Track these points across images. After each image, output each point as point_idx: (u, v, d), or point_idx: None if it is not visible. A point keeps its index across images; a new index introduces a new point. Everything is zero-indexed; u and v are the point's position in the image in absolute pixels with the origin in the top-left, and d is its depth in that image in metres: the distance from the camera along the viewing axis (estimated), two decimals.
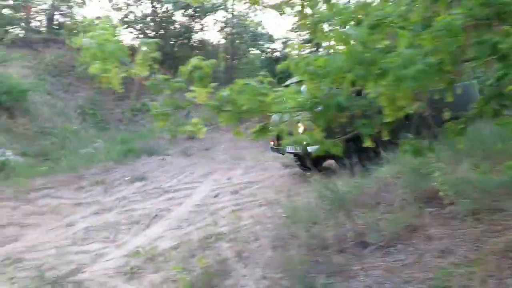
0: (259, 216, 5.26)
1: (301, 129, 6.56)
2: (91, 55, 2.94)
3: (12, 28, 19.77)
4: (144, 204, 6.30)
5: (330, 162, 7.66)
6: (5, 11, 20.17)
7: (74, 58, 17.81)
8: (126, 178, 8.06)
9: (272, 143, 7.71)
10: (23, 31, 20.42)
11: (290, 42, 21.22)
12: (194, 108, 3.25)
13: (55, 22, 21.55)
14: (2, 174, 7.86)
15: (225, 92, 3.34)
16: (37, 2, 21.22)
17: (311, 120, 2.86)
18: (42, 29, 21.47)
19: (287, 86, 4.69)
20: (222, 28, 22.03)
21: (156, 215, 5.67)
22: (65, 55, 18.69)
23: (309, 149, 6.71)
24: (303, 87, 3.30)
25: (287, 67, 3.43)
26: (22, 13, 20.85)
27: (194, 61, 3.48)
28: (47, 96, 15.30)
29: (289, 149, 7.07)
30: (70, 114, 15.33)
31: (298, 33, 16.90)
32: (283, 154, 7.58)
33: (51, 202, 6.41)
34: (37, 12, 22.23)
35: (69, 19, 21.87)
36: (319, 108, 2.94)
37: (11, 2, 19.99)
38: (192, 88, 3.53)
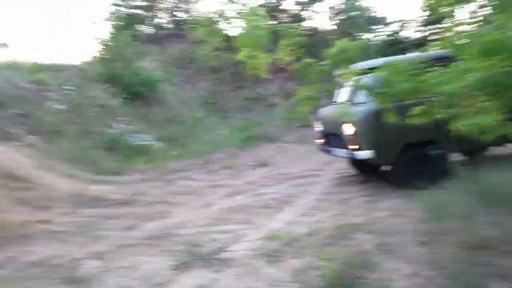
0: (394, 208, 4.99)
1: (350, 130, 5.76)
2: (241, 42, 3.01)
3: (140, 26, 21.99)
4: (272, 189, 6.46)
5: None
6: (136, 11, 22.44)
7: (194, 51, 19.16)
8: (251, 164, 8.38)
9: (319, 141, 6.84)
10: (152, 28, 22.57)
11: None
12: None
13: (176, 19, 23.29)
14: (144, 157, 8.82)
15: (381, 73, 3.16)
16: (161, 1, 23.21)
17: (488, 100, 2.56)
18: (166, 25, 23.44)
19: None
20: (335, 14, 21.47)
21: (285, 200, 5.76)
22: (186, 49, 20.15)
23: (358, 155, 5.77)
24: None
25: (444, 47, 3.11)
26: (150, 12, 23.01)
27: (340, 43, 3.34)
28: (173, 87, 16.70)
29: (335, 151, 6.34)
30: (193, 103, 16.51)
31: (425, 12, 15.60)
32: (329, 155, 6.82)
33: (188, 184, 6.98)
34: (161, 10, 24.32)
35: (188, 14, 23.44)
36: (495, 88, 2.61)
37: (140, 3, 22.25)
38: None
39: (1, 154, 6.76)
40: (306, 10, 21.39)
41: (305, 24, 21.74)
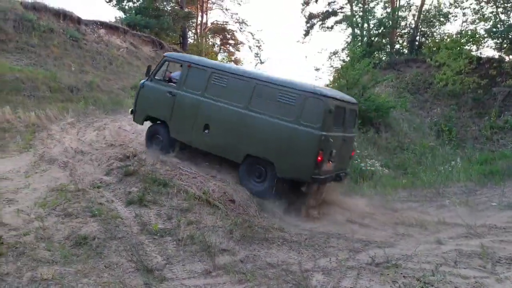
0: None
1: None
2: None
3: (379, 53, 22.40)
4: None
5: None
6: (375, 39, 23.02)
7: (432, 75, 18.14)
8: (493, 204, 7.23)
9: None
10: (388, 55, 22.69)
11: None
12: None
13: (416, 43, 22.58)
14: (370, 182, 8.88)
15: None
16: (401, 27, 23.09)
17: None
18: (404, 51, 23.06)
19: None
20: None
21: None
22: (423, 73, 19.27)
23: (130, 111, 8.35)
24: None
25: None
26: (387, 39, 23.21)
27: None
28: (406, 112, 16.19)
29: None
30: (426, 130, 15.57)
31: None
32: None
33: (415, 216, 6.59)
34: (400, 36, 24.12)
35: (429, 39, 22.39)
36: None
37: (380, 31, 22.72)
38: None
39: None
40: None
41: None
